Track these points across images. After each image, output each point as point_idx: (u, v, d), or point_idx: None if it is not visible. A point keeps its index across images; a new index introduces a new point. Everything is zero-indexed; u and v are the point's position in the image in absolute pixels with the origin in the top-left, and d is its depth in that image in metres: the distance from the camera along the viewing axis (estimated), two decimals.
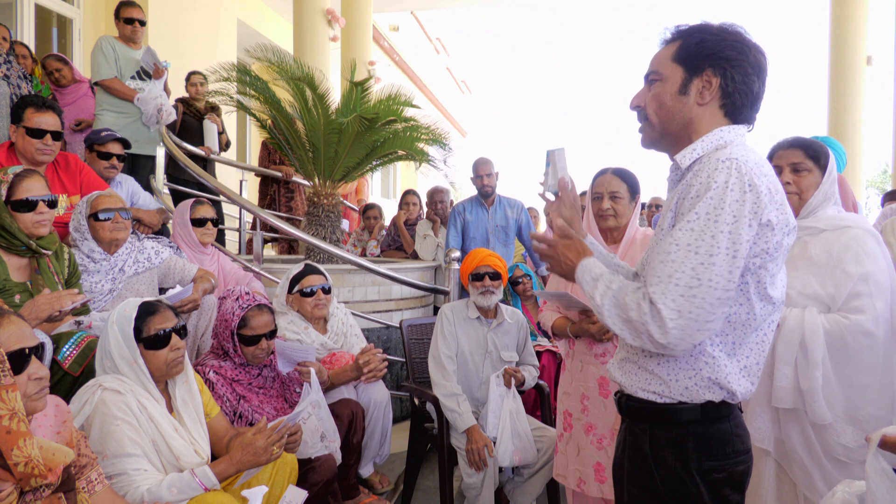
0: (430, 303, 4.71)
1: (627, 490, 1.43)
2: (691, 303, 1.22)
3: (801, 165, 2.02)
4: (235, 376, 2.56)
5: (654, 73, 1.40)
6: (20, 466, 1.28)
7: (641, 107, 1.43)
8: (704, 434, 1.34)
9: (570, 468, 2.43)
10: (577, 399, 2.43)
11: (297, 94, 4.35)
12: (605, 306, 1.33)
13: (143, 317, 1.97)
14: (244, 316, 2.53)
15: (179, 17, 7.83)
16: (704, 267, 1.22)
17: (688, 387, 1.33)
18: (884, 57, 8.57)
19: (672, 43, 1.39)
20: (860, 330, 1.83)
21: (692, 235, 1.24)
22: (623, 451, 1.46)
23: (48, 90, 4.87)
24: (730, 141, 1.33)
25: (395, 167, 14.68)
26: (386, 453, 3.12)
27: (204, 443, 2.06)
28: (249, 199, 6.40)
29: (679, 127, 1.38)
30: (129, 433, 1.83)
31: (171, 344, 1.99)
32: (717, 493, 1.33)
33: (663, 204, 2.28)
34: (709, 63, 1.33)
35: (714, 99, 1.35)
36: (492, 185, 4.77)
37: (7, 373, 1.27)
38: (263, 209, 5.30)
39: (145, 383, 1.95)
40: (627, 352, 1.45)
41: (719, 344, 1.32)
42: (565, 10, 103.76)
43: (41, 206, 2.39)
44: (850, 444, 1.85)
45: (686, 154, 1.36)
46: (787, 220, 1.29)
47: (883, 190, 12.65)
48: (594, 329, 2.34)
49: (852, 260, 1.88)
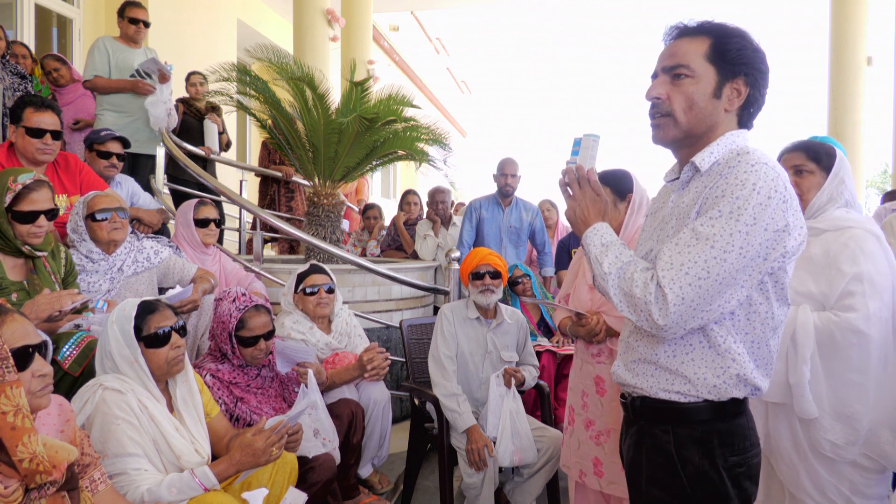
0: (430, 303, 4.72)
1: (647, 491, 1.43)
2: (696, 293, 1.25)
3: (802, 167, 2.03)
4: (233, 378, 2.55)
5: (685, 67, 1.34)
6: (25, 463, 1.28)
7: (661, 99, 1.37)
8: (727, 430, 1.36)
9: (572, 460, 2.45)
10: (579, 395, 2.45)
11: (297, 94, 4.36)
12: (611, 275, 1.34)
13: (142, 315, 1.97)
14: (242, 317, 2.52)
15: (179, 17, 7.83)
16: (717, 262, 1.24)
17: (716, 385, 1.34)
18: (884, 57, 8.58)
19: (698, 38, 1.35)
20: (850, 328, 1.84)
21: (712, 230, 1.25)
22: (639, 452, 1.45)
23: (48, 90, 4.88)
24: (743, 146, 1.34)
25: (395, 167, 14.68)
26: (385, 454, 3.12)
27: (204, 442, 2.06)
28: (249, 199, 6.40)
29: (705, 129, 1.37)
30: (130, 433, 1.83)
31: (172, 342, 1.99)
32: (739, 487, 1.36)
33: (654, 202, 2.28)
34: (744, 71, 1.33)
35: (738, 107, 1.36)
36: (514, 185, 4.83)
37: (11, 369, 1.28)
38: (263, 209, 5.31)
39: (146, 382, 1.95)
40: (641, 353, 1.44)
41: (742, 341, 1.34)
42: (565, 10, 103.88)
43: (41, 220, 2.36)
44: (837, 441, 1.86)
45: (705, 157, 1.35)
46: (801, 224, 1.31)
47: (883, 190, 12.65)
48: (582, 332, 2.35)
49: (848, 259, 1.88)
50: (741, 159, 1.29)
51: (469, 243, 4.80)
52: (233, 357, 2.55)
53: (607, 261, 1.36)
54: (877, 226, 1.98)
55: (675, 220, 1.39)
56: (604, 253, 1.37)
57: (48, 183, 2.43)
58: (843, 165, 2.02)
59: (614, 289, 1.33)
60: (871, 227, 1.95)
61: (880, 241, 1.94)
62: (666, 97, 1.36)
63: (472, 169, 22.02)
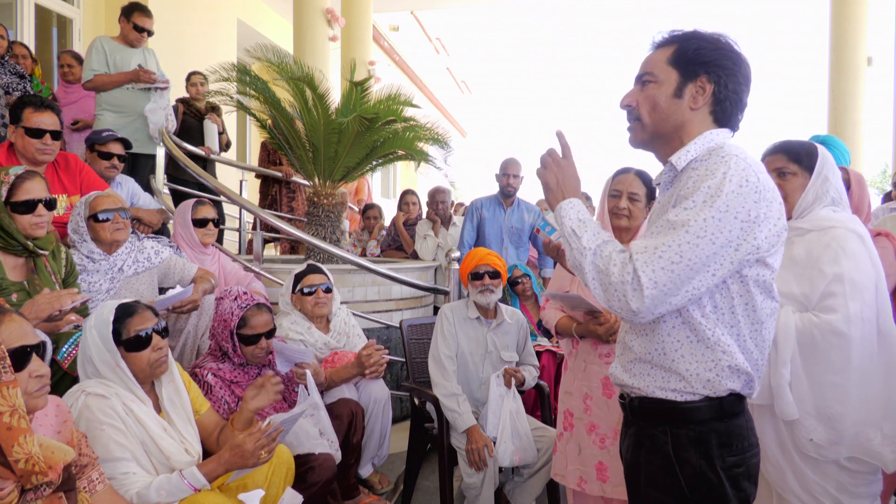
0: (430, 303, 4.72)
1: (645, 493, 1.43)
2: (668, 277, 1.25)
3: (784, 169, 2.02)
4: (234, 378, 2.55)
5: (649, 74, 1.43)
6: (21, 463, 1.28)
7: (633, 106, 1.46)
8: (725, 430, 1.36)
9: (569, 468, 2.43)
10: (580, 399, 2.42)
11: (297, 94, 4.36)
12: (589, 250, 1.34)
13: (121, 319, 1.93)
14: (243, 316, 2.53)
15: (179, 17, 7.83)
16: (690, 246, 1.26)
17: (710, 379, 1.35)
18: (884, 57, 8.58)
19: (666, 47, 1.43)
20: (830, 329, 1.83)
21: (686, 216, 1.28)
22: (637, 453, 1.45)
23: (48, 90, 4.89)
24: (721, 143, 1.39)
25: (395, 167, 14.69)
26: (385, 453, 3.12)
27: (194, 441, 2.04)
28: (249, 199, 6.40)
29: (671, 129, 1.43)
30: (116, 437, 1.81)
31: (153, 344, 1.95)
32: (738, 488, 1.36)
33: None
34: (704, 70, 1.39)
35: (706, 104, 1.41)
36: (516, 186, 4.82)
37: (8, 369, 1.28)
38: (264, 209, 5.31)
39: (130, 385, 1.92)
40: (637, 352, 1.44)
41: (729, 334, 1.35)
42: (565, 10, 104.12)
43: (40, 209, 2.37)
44: (819, 441, 1.85)
45: (681, 155, 1.40)
46: (777, 218, 1.33)
47: (883, 190, 12.64)
48: (601, 330, 2.32)
49: (829, 259, 1.88)
50: (713, 153, 1.35)
51: (470, 243, 4.79)
52: (234, 355, 2.55)
53: (586, 236, 1.36)
54: (861, 225, 1.96)
55: (658, 216, 1.44)
56: (582, 228, 1.38)
57: (40, 174, 2.45)
58: (826, 163, 2.01)
59: (590, 266, 1.33)
60: (854, 226, 1.93)
61: (863, 241, 1.92)
62: (635, 103, 1.45)
63: (472, 169, 22.03)
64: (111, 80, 4.23)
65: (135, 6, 4.37)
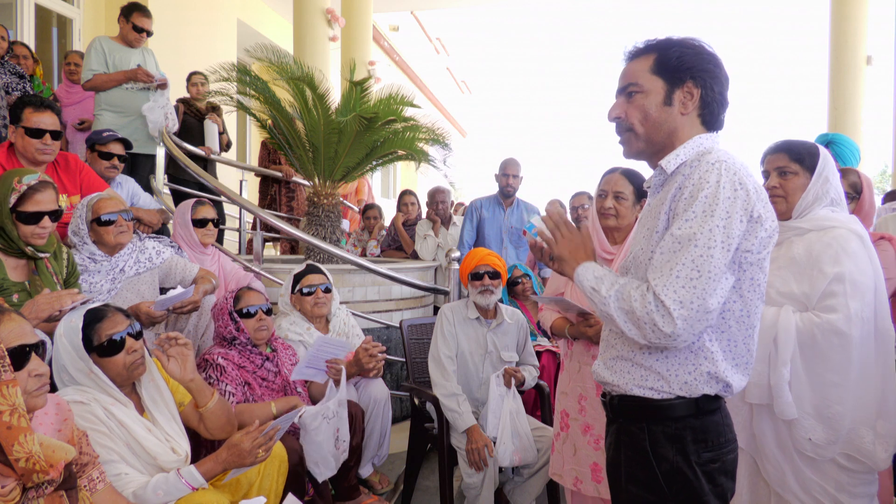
0: (430, 303, 4.72)
1: (626, 489, 1.45)
2: (693, 293, 1.27)
3: (786, 169, 2.03)
4: (241, 362, 2.62)
5: (634, 85, 1.45)
6: (21, 462, 1.28)
7: (622, 118, 1.48)
8: (701, 427, 1.39)
9: (566, 467, 2.44)
10: (575, 399, 2.43)
11: (297, 94, 4.36)
12: (610, 298, 1.37)
13: (90, 325, 1.89)
14: (237, 294, 2.67)
15: (179, 17, 7.83)
16: (704, 259, 1.27)
17: (687, 381, 1.37)
18: (884, 57, 8.56)
19: (644, 56, 1.45)
20: (830, 329, 1.84)
21: (690, 231, 1.29)
22: (617, 450, 1.48)
23: (49, 91, 4.89)
24: (710, 147, 1.42)
25: (395, 167, 14.69)
26: (385, 453, 3.12)
27: (181, 439, 2.02)
28: (249, 199, 6.40)
29: (664, 136, 1.45)
30: (101, 441, 1.78)
31: (127, 347, 1.92)
32: (714, 483, 1.38)
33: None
34: (689, 75, 1.42)
35: (694, 108, 1.44)
36: (515, 186, 4.83)
37: (7, 368, 1.28)
38: (264, 209, 5.30)
39: (108, 390, 1.88)
40: (619, 350, 1.47)
41: (717, 340, 1.37)
42: (566, 10, 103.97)
43: (44, 221, 2.36)
44: (818, 440, 1.86)
45: (671, 159, 1.43)
46: (772, 217, 1.36)
47: (883, 190, 12.64)
48: (591, 332, 2.35)
49: (830, 259, 1.88)
50: (702, 159, 1.37)
51: (469, 243, 4.79)
52: (238, 334, 2.63)
53: (604, 287, 1.39)
54: (860, 225, 1.97)
55: (648, 219, 1.46)
56: (598, 283, 1.41)
57: (53, 184, 2.43)
58: (827, 164, 2.01)
59: (616, 311, 1.36)
60: (854, 226, 1.94)
61: (863, 241, 1.93)
62: (624, 115, 1.47)
63: (472, 169, 22.02)
64: (110, 78, 4.23)
65: (134, 6, 4.36)
